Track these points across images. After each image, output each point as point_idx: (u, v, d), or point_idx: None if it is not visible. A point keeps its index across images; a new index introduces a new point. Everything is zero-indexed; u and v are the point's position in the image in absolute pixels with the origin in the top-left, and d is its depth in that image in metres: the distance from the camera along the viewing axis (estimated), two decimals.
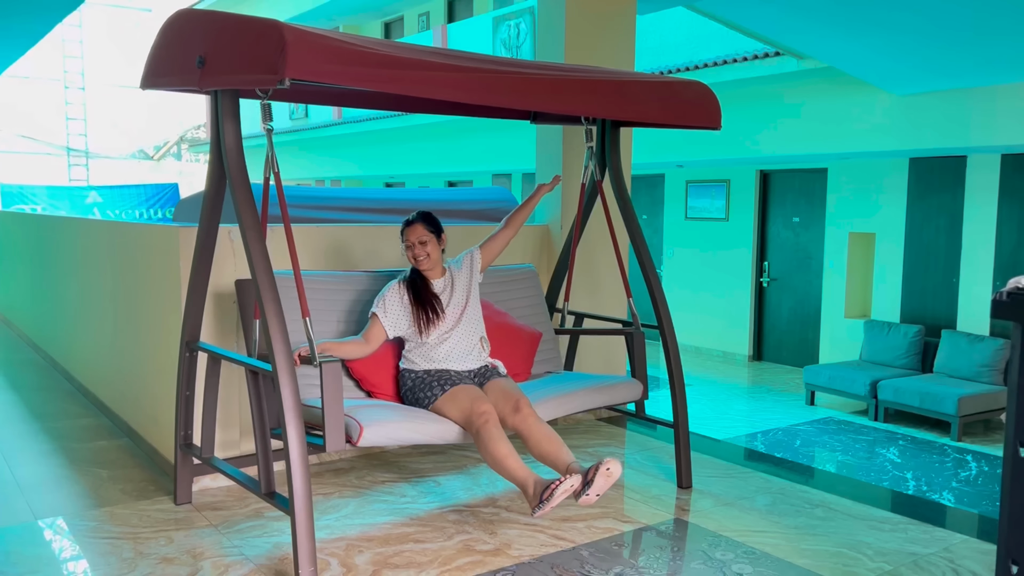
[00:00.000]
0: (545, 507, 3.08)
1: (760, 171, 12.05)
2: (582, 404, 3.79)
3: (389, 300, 3.59)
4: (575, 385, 3.85)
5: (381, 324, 3.57)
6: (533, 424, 3.35)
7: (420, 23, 17.38)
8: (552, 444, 3.29)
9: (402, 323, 3.59)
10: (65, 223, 6.71)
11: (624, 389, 3.96)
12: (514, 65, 3.34)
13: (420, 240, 3.59)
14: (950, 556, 3.29)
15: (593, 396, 3.83)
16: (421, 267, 3.62)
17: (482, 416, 3.29)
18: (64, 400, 5.66)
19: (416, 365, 3.60)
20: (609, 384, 3.92)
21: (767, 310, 12.22)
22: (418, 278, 3.64)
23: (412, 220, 3.63)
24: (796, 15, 7.29)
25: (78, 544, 3.36)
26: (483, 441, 3.25)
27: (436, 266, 3.66)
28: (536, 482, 3.14)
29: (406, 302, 3.59)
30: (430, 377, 3.55)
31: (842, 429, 8.94)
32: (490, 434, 3.24)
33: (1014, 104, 7.85)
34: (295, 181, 19.90)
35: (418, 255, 3.60)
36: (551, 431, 3.34)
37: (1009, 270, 9.20)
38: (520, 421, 3.36)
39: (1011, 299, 2.06)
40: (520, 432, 3.36)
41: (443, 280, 3.69)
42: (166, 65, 3.22)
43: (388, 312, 3.58)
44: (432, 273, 3.66)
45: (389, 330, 3.58)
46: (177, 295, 3.85)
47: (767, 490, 4.03)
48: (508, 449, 3.22)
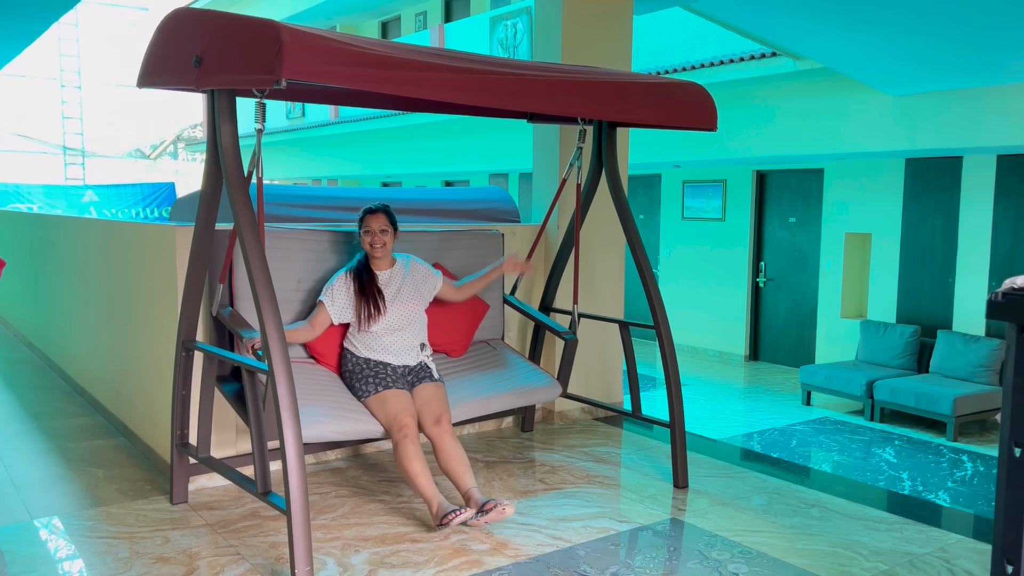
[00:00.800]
0: (444, 529, 3.46)
1: (756, 171, 12.06)
2: (502, 406, 4.04)
3: (336, 289, 3.75)
4: (497, 388, 4.05)
5: (327, 311, 3.75)
6: (448, 441, 3.59)
7: (417, 23, 17.37)
8: (460, 465, 3.56)
9: (347, 312, 3.76)
10: (61, 222, 6.70)
11: (543, 392, 4.18)
12: (510, 66, 3.34)
13: (382, 229, 3.75)
14: (946, 556, 3.30)
15: (513, 398, 4.06)
16: (375, 254, 3.76)
17: (402, 430, 3.52)
18: (60, 399, 5.65)
19: (357, 350, 3.79)
20: (529, 388, 4.11)
21: (763, 310, 12.23)
22: (365, 270, 3.78)
23: (376, 209, 3.78)
24: (793, 16, 7.30)
25: (74, 544, 3.36)
26: (399, 455, 3.50)
27: (387, 256, 3.82)
28: (439, 504, 3.43)
29: (351, 292, 3.74)
30: (368, 369, 3.73)
31: (838, 429, 8.95)
32: (407, 450, 3.48)
33: (1010, 105, 7.87)
34: (291, 180, 19.89)
35: (375, 243, 3.74)
36: (462, 452, 3.60)
37: (1005, 270, 9.22)
38: (437, 435, 3.60)
39: (1006, 299, 2.06)
40: (434, 444, 3.61)
41: (389, 272, 3.83)
42: (163, 64, 3.21)
43: (335, 301, 3.74)
44: (381, 263, 3.82)
45: (334, 317, 3.76)
46: (173, 294, 3.85)
47: (763, 490, 4.03)
48: (420, 467, 3.48)
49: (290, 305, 3.90)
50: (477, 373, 4.19)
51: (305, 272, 3.96)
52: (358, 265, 3.81)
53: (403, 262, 3.92)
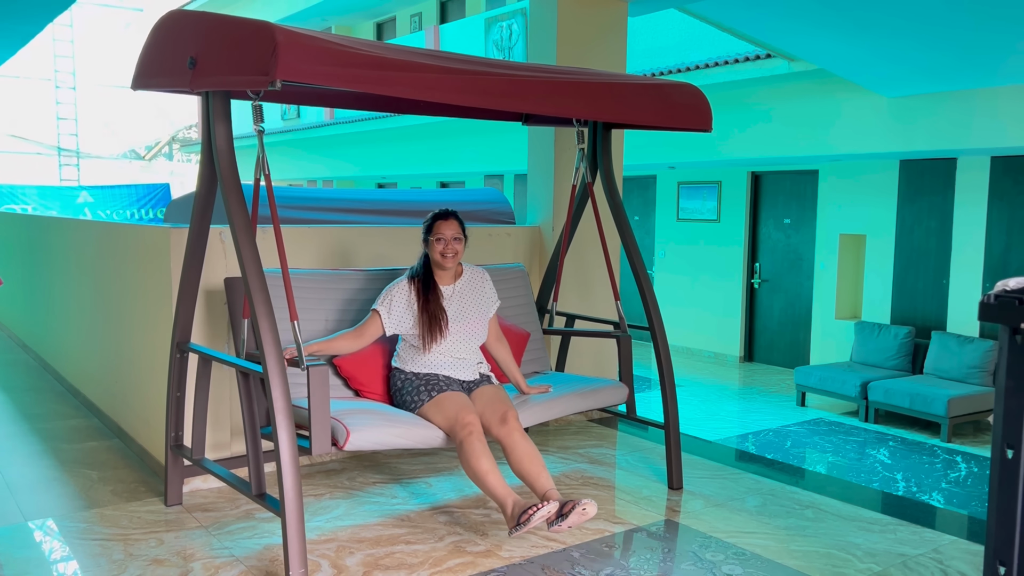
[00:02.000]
0: (522, 529, 3.08)
1: (751, 172, 12.08)
2: (567, 408, 3.78)
3: (396, 299, 3.50)
4: (561, 389, 3.84)
5: (381, 322, 3.49)
6: (518, 439, 3.31)
7: (412, 24, 17.37)
8: (534, 465, 3.27)
9: (404, 325, 3.51)
10: (56, 223, 6.69)
11: (609, 393, 3.96)
12: (505, 67, 3.34)
13: (455, 236, 3.51)
14: (939, 557, 3.31)
15: (578, 400, 3.82)
16: (445, 264, 3.51)
17: (466, 427, 3.24)
18: (54, 401, 5.64)
19: (407, 366, 3.55)
20: (594, 388, 3.91)
21: (758, 311, 12.25)
22: (428, 280, 3.53)
23: (449, 213, 3.52)
24: (787, 18, 7.32)
25: (68, 545, 3.36)
26: (465, 454, 3.22)
27: (455, 268, 3.58)
28: (515, 503, 3.14)
29: (414, 307, 3.49)
30: (419, 380, 3.49)
31: (832, 430, 8.97)
32: (472, 448, 3.20)
33: (1004, 107, 7.89)
34: (287, 182, 19.87)
35: (447, 252, 3.48)
36: (535, 450, 3.31)
37: (998, 272, 9.25)
38: (506, 434, 3.32)
39: (998, 302, 2.07)
40: (504, 445, 3.33)
41: (453, 287, 3.60)
42: (157, 66, 3.21)
43: (392, 311, 3.49)
44: (446, 275, 3.58)
45: (389, 329, 3.50)
46: (168, 296, 3.84)
47: (757, 491, 4.04)
48: (490, 465, 3.19)
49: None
50: (536, 379, 4.04)
51: (333, 312, 3.79)
52: (424, 275, 3.53)
53: (472, 273, 3.68)
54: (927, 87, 8.34)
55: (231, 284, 3.55)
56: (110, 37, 27.47)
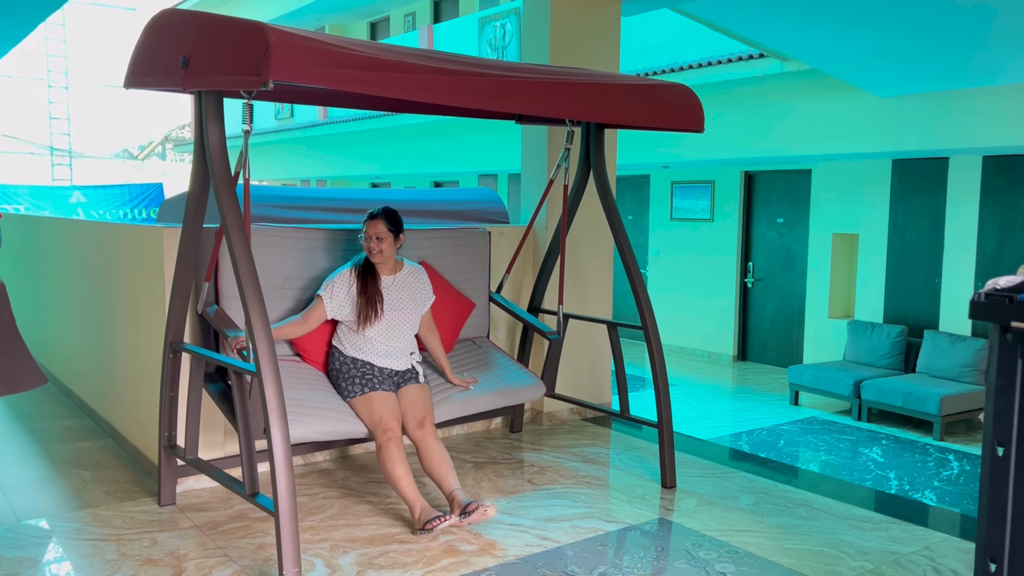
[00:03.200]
0: (426, 534, 3.44)
1: (744, 172, 12.10)
2: (487, 406, 4.07)
3: (337, 286, 3.72)
4: (481, 388, 4.07)
5: (324, 307, 3.72)
6: (431, 443, 3.60)
7: (406, 23, 17.36)
8: (443, 467, 3.57)
9: (344, 309, 3.73)
10: (48, 223, 6.67)
11: (528, 392, 4.21)
12: (498, 67, 3.35)
13: (377, 235, 3.71)
14: (931, 555, 3.33)
15: (497, 399, 4.09)
16: (373, 260, 3.74)
17: (386, 433, 3.52)
18: (47, 401, 5.62)
19: (345, 349, 3.76)
20: (514, 388, 4.14)
21: (752, 310, 12.27)
22: (370, 270, 3.76)
23: (375, 214, 3.74)
24: (780, 17, 7.33)
25: (61, 546, 3.35)
26: (383, 458, 3.50)
27: (387, 262, 3.78)
28: (422, 509, 3.44)
29: (353, 291, 3.71)
30: (356, 369, 3.71)
31: (826, 429, 8.99)
32: (390, 453, 3.49)
33: (995, 106, 7.92)
34: (280, 181, 19.84)
35: (372, 248, 3.72)
36: (444, 453, 3.60)
37: (990, 271, 9.28)
38: (421, 437, 3.62)
39: (988, 300, 2.08)
40: (418, 447, 3.62)
41: (392, 277, 3.81)
42: (150, 65, 3.21)
43: (334, 297, 3.71)
44: (382, 268, 3.79)
45: (330, 313, 3.73)
46: (161, 296, 3.84)
47: (750, 490, 4.05)
48: (403, 471, 3.48)
49: (276, 303, 3.90)
50: (462, 373, 4.20)
51: (293, 270, 3.96)
52: (364, 264, 3.78)
53: (410, 271, 3.91)
54: (919, 87, 8.37)
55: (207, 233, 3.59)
56: (103, 36, 27.39)
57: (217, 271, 3.70)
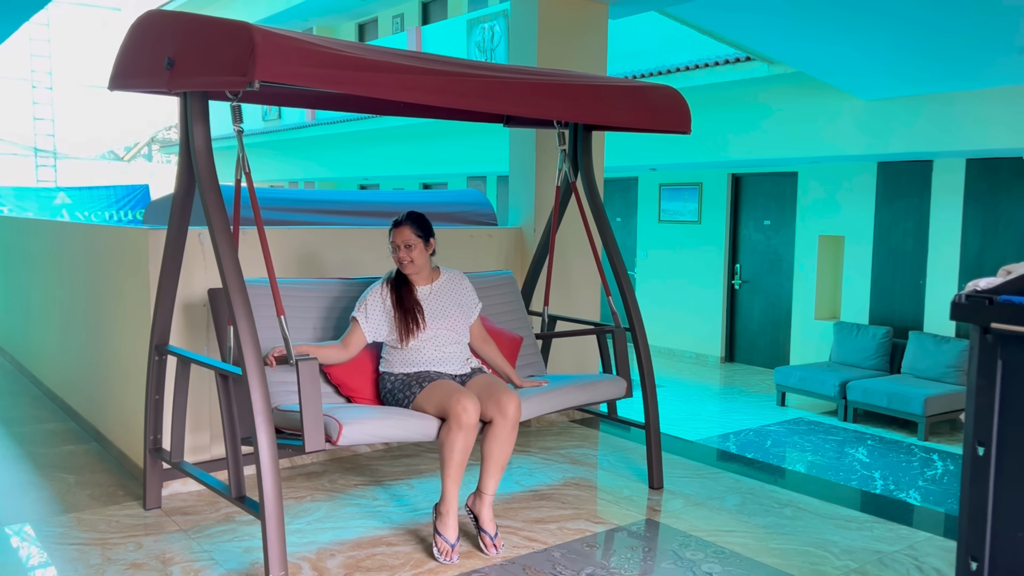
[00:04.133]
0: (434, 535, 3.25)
1: (732, 174, 12.14)
2: (568, 401, 3.71)
3: (371, 304, 3.45)
4: (560, 382, 3.78)
5: (361, 329, 3.43)
6: (507, 433, 3.23)
7: (394, 25, 17.34)
8: (497, 462, 3.24)
9: (383, 329, 3.45)
10: (32, 225, 6.63)
11: (608, 386, 3.90)
12: (486, 69, 3.35)
13: (406, 243, 3.44)
14: (914, 554, 3.35)
15: (578, 393, 3.75)
16: (405, 271, 3.48)
17: (463, 414, 3.10)
18: (31, 405, 5.59)
19: (394, 368, 3.46)
20: (593, 381, 3.86)
21: (739, 312, 12.32)
22: (403, 282, 3.50)
23: (400, 221, 3.47)
24: (767, 21, 7.37)
25: (45, 551, 3.33)
26: (447, 436, 3.12)
27: (422, 271, 3.51)
28: (444, 513, 3.21)
29: (388, 306, 3.45)
30: (410, 379, 3.40)
31: (812, 429, 9.03)
32: (456, 441, 3.11)
33: (979, 110, 7.98)
34: (268, 183, 19.78)
35: (402, 259, 3.45)
36: (508, 452, 3.26)
37: (974, 272, 9.34)
38: (500, 421, 3.22)
39: (969, 302, 2.10)
40: (494, 426, 3.22)
41: (429, 287, 3.54)
42: (134, 66, 3.19)
43: (369, 317, 3.43)
44: (417, 279, 3.52)
45: (369, 335, 3.44)
46: (146, 298, 3.82)
47: (737, 490, 4.07)
48: (461, 460, 3.13)
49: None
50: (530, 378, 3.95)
51: (319, 320, 3.73)
52: (396, 275, 3.51)
53: (450, 276, 3.63)
54: (904, 90, 8.42)
55: (214, 295, 3.46)
56: (87, 36, 27.24)
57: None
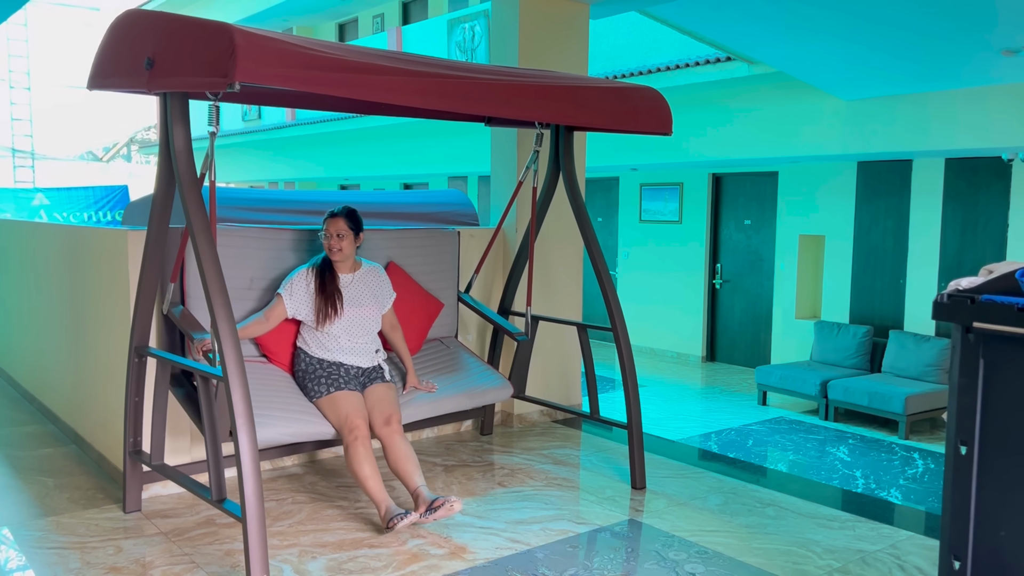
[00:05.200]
0: (389, 533, 3.47)
1: (712, 174, 12.19)
2: (454, 407, 4.08)
3: (296, 284, 3.75)
4: (449, 389, 4.09)
5: (284, 305, 3.75)
6: (398, 441, 3.61)
7: (375, 25, 17.28)
8: (408, 464, 3.57)
9: (303, 308, 3.75)
10: (10, 226, 6.56)
11: (495, 392, 4.24)
12: (467, 70, 3.34)
13: (338, 233, 3.75)
14: (896, 552, 3.37)
15: (465, 400, 4.11)
16: (332, 258, 3.77)
17: (353, 432, 3.52)
18: (9, 407, 5.53)
19: (310, 349, 3.78)
20: (482, 389, 4.16)
21: (720, 311, 12.37)
22: (328, 269, 3.78)
23: (336, 213, 3.78)
24: (747, 21, 7.40)
25: (24, 554, 3.29)
26: (349, 457, 3.51)
27: (347, 260, 3.81)
28: (387, 507, 3.45)
29: (311, 289, 3.74)
30: (322, 369, 3.72)
31: (793, 428, 9.08)
32: (357, 452, 3.49)
33: (957, 110, 8.05)
34: (247, 183, 19.66)
35: (332, 247, 3.75)
36: (410, 451, 3.61)
37: (953, 271, 9.42)
38: (387, 435, 3.62)
39: (951, 301, 2.11)
40: (384, 444, 3.63)
41: (351, 276, 3.84)
42: (114, 66, 3.17)
43: (293, 295, 3.74)
44: (342, 267, 3.81)
45: (290, 312, 3.75)
46: (126, 299, 3.79)
47: (719, 490, 4.08)
48: (371, 470, 3.48)
49: (243, 303, 3.87)
50: (429, 375, 4.20)
51: (259, 271, 3.94)
52: (322, 263, 3.81)
53: (368, 269, 3.94)
54: (883, 90, 8.48)
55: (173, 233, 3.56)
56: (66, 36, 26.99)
57: (183, 272, 3.66)
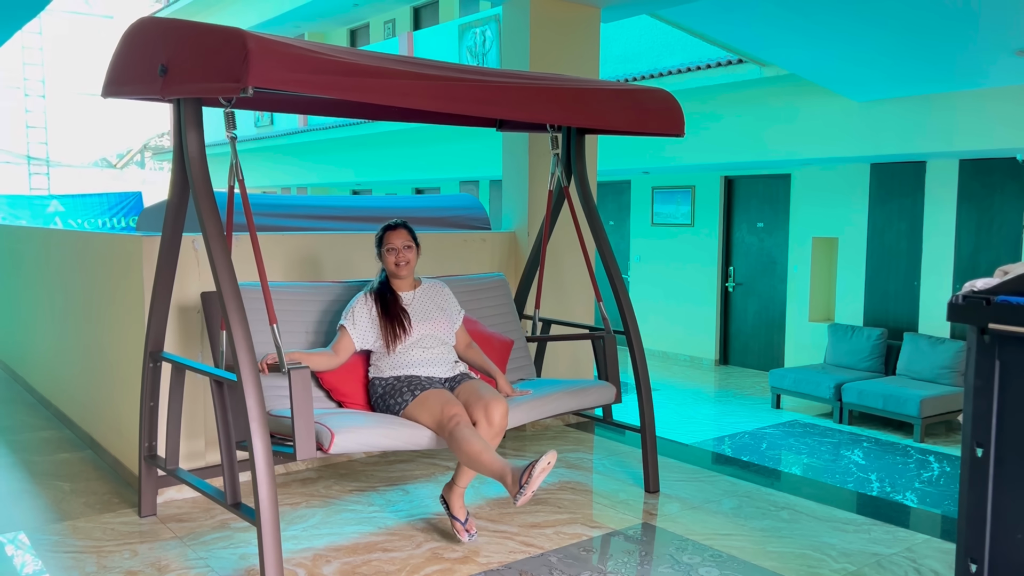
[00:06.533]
0: (526, 491, 2.98)
1: (724, 177, 12.16)
2: (555, 408, 3.73)
3: (358, 312, 3.51)
4: (548, 389, 3.80)
5: (350, 336, 3.49)
6: (489, 439, 3.27)
7: (386, 30, 17.34)
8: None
9: (370, 336, 3.51)
10: (26, 233, 6.61)
11: (597, 393, 3.91)
12: (478, 73, 3.35)
13: (406, 245, 3.54)
14: (912, 556, 3.35)
15: (566, 400, 3.77)
16: (399, 273, 3.55)
17: (453, 419, 3.22)
18: (25, 412, 5.56)
19: (384, 373, 3.52)
20: (581, 388, 3.87)
21: (733, 315, 12.33)
22: (387, 290, 3.56)
23: (397, 224, 3.56)
24: (758, 24, 7.39)
25: (40, 559, 3.31)
26: (457, 442, 3.17)
27: (410, 276, 3.61)
28: (513, 470, 3.05)
29: (374, 315, 3.51)
30: (400, 383, 3.46)
31: (807, 432, 9.04)
32: (463, 434, 3.17)
33: (971, 111, 8.01)
34: (260, 189, 19.75)
35: (400, 260, 3.52)
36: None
37: (968, 273, 9.36)
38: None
39: (966, 302, 2.10)
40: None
41: (412, 293, 3.62)
42: (128, 73, 3.19)
43: (357, 324, 3.50)
44: (403, 284, 3.60)
45: (357, 342, 3.50)
46: (140, 305, 3.81)
47: (733, 493, 4.06)
48: (482, 445, 3.15)
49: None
50: (522, 384, 3.97)
51: (311, 324, 3.75)
52: (380, 286, 3.59)
53: (430, 285, 3.73)
54: (896, 91, 8.45)
55: (208, 298, 3.47)
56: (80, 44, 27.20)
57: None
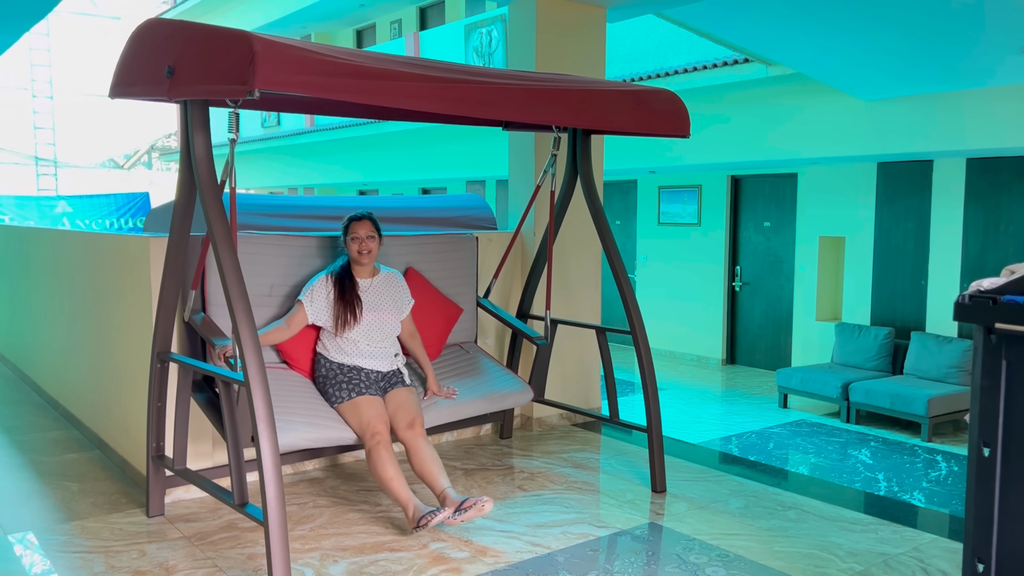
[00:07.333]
0: (421, 530, 3.44)
1: (731, 176, 12.14)
2: (475, 411, 4.08)
3: (316, 292, 3.77)
4: (469, 393, 4.09)
5: (305, 312, 3.76)
6: (421, 444, 3.61)
7: (392, 31, 17.36)
8: (433, 466, 3.57)
9: (323, 314, 3.77)
10: (34, 233, 6.63)
11: (516, 397, 4.22)
12: (484, 75, 3.35)
13: (369, 235, 3.79)
14: (920, 556, 3.34)
15: (485, 404, 4.10)
16: (361, 261, 3.79)
17: (375, 437, 3.54)
18: (33, 413, 5.59)
19: (330, 354, 3.81)
20: (502, 393, 4.15)
21: (740, 314, 12.31)
22: (347, 276, 3.80)
23: (362, 215, 3.82)
24: (764, 23, 7.37)
25: (49, 559, 3.33)
26: (372, 461, 3.52)
27: (371, 264, 3.86)
28: (415, 507, 3.42)
29: (332, 298, 3.76)
30: (342, 374, 3.75)
31: (815, 431, 9.02)
32: (380, 456, 3.50)
33: (978, 109, 7.98)
34: (267, 189, 19.79)
35: (362, 249, 3.78)
36: (434, 454, 3.61)
37: (975, 272, 9.33)
38: (411, 438, 3.63)
39: (972, 302, 2.10)
40: (408, 448, 3.63)
41: (370, 281, 3.87)
42: (135, 74, 3.20)
43: (314, 302, 3.76)
44: (363, 271, 3.85)
45: (311, 318, 3.77)
46: (148, 305, 3.82)
47: (740, 493, 4.06)
48: (394, 472, 3.48)
49: (263, 310, 3.89)
50: (449, 380, 4.21)
51: (279, 277, 3.97)
52: (341, 270, 3.83)
53: (387, 275, 3.96)
54: (903, 90, 8.42)
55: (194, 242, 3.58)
56: (87, 45, 27.28)
57: (204, 279, 3.69)
